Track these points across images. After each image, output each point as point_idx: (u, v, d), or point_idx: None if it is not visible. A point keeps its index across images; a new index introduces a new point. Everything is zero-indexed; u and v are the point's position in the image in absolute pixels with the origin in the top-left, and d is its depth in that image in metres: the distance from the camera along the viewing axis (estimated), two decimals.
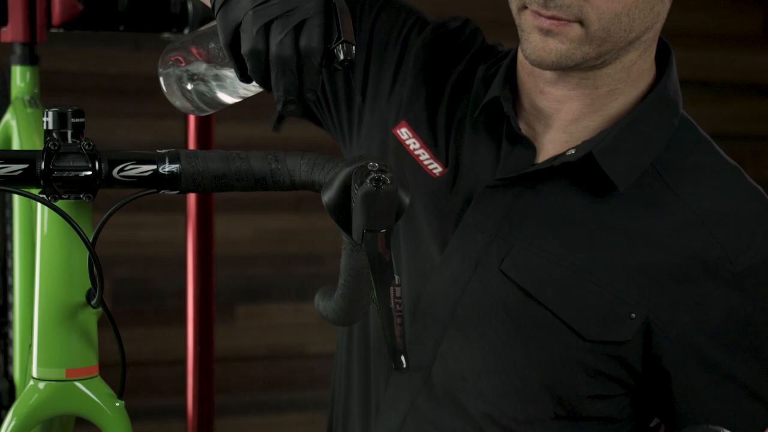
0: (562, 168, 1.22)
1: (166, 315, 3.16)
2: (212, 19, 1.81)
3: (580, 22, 1.15)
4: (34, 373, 0.99)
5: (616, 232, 1.21)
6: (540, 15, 1.16)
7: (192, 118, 1.85)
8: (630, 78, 1.23)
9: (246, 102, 3.22)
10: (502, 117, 1.28)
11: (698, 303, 1.19)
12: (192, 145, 1.86)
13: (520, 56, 1.28)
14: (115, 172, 0.96)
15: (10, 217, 1.69)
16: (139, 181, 0.97)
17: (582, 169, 1.22)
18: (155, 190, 0.98)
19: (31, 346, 1.00)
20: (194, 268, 1.85)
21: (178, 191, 0.98)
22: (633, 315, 1.19)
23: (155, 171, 0.97)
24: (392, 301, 0.98)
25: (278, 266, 3.22)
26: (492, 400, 1.24)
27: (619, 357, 1.20)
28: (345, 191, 0.95)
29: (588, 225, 1.22)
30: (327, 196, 0.96)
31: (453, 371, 1.25)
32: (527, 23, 1.18)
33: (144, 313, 3.17)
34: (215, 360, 1.86)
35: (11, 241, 1.67)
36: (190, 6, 1.73)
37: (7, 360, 1.76)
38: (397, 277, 0.97)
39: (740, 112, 3.78)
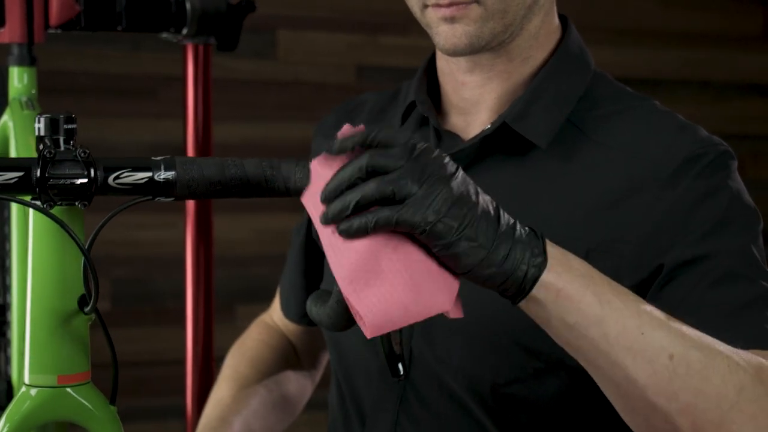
0: (487, 144, 1.28)
1: (166, 315, 3.17)
2: (212, 18, 1.81)
3: (477, 2, 1.23)
4: (26, 380, 0.99)
5: (547, 185, 1.27)
6: (440, 6, 1.23)
7: (191, 118, 1.85)
8: (539, 43, 1.31)
9: (245, 102, 3.20)
10: (427, 121, 1.35)
11: (641, 216, 1.22)
12: (191, 144, 1.86)
13: (439, 61, 1.36)
14: (110, 179, 0.96)
15: (9, 217, 1.69)
16: (135, 188, 0.97)
17: (505, 140, 1.28)
18: (150, 197, 0.98)
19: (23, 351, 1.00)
20: (193, 269, 1.85)
21: (173, 198, 0.98)
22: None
23: (150, 178, 0.97)
24: None
25: (278, 266, 3.21)
26: (470, 372, 1.26)
27: None
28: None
29: (521, 187, 1.27)
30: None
31: (429, 357, 1.28)
32: (432, 19, 1.25)
33: (143, 313, 3.18)
34: (215, 360, 1.86)
35: (9, 240, 1.67)
36: (188, 5, 1.73)
37: (6, 360, 1.76)
38: None
39: (740, 112, 3.79)
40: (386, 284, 0.95)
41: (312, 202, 0.98)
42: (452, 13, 1.23)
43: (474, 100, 1.32)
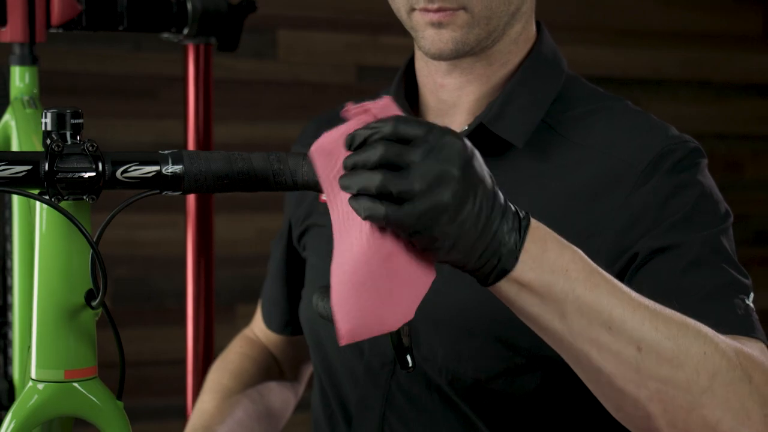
0: None
1: (166, 315, 3.17)
2: (213, 18, 1.81)
3: (464, 8, 1.24)
4: (33, 375, 0.99)
5: (525, 184, 1.28)
6: (428, 11, 1.25)
7: (192, 119, 1.85)
8: (518, 48, 1.34)
9: (245, 102, 3.20)
10: None
11: (615, 212, 1.24)
12: (192, 145, 1.86)
13: (418, 62, 1.37)
14: (118, 173, 0.96)
15: (10, 218, 1.69)
16: (143, 182, 0.97)
17: (483, 141, 1.28)
18: (158, 191, 0.98)
19: (30, 347, 1.00)
20: (194, 268, 1.85)
21: (180, 192, 0.98)
22: None
23: (158, 172, 0.97)
24: None
25: None
26: (453, 368, 1.27)
27: None
28: None
29: (499, 186, 1.27)
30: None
31: (414, 355, 1.27)
32: (419, 23, 1.27)
33: (144, 313, 3.18)
34: (215, 360, 1.86)
35: (11, 241, 1.67)
36: (189, 6, 1.73)
37: (7, 361, 1.76)
38: None
39: (740, 112, 3.79)
40: (371, 295, 0.94)
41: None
42: (440, 18, 1.24)
43: (452, 102, 1.34)
